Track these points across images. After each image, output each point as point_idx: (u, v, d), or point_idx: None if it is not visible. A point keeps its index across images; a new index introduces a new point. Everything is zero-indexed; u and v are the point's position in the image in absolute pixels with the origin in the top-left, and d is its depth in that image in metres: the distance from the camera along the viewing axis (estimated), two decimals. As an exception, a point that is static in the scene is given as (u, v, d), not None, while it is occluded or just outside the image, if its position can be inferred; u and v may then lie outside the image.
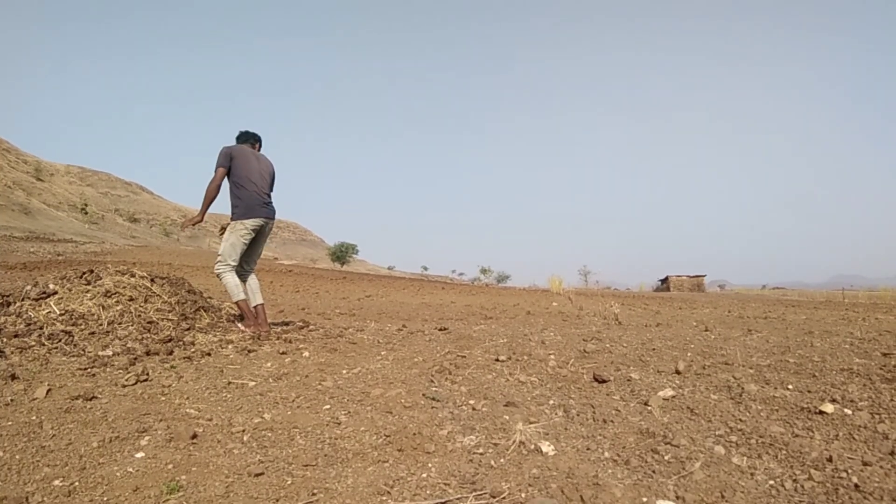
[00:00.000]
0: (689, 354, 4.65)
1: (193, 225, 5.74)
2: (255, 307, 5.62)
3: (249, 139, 5.94)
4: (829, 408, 3.08)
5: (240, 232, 5.50)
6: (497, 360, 4.49)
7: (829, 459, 2.47)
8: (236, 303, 5.56)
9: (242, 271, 5.74)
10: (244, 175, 5.54)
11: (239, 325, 5.57)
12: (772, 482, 2.35)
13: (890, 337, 5.40)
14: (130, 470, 2.33)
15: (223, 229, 5.61)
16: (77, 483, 2.21)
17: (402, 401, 3.41)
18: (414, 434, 2.83)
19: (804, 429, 2.90)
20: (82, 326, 4.54)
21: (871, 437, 2.74)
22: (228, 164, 5.49)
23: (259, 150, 5.98)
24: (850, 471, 2.36)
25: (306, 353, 4.59)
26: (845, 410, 3.07)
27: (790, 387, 3.59)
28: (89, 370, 3.74)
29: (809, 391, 3.47)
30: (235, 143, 5.86)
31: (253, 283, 5.77)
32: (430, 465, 2.50)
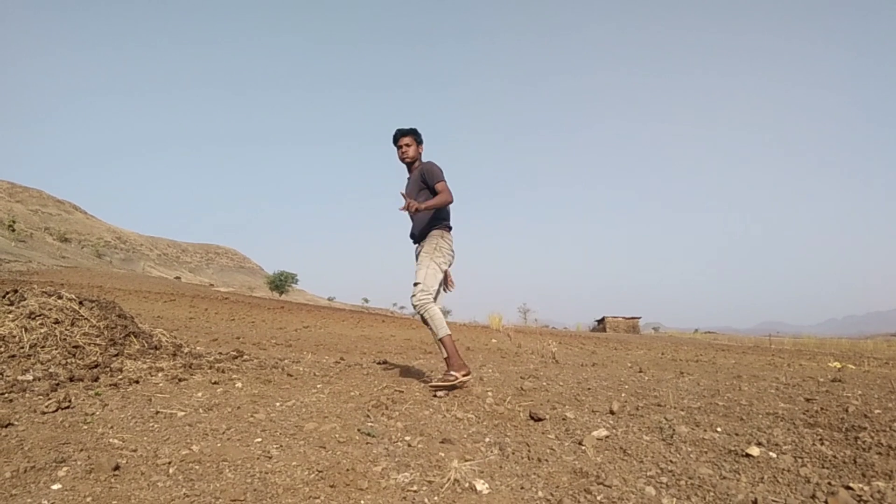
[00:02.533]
0: (623, 395, 4.72)
1: (414, 209, 4.64)
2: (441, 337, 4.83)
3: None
4: (755, 451, 3.17)
5: (441, 259, 4.95)
6: (435, 395, 4.48)
7: (755, 502, 2.53)
8: (440, 339, 4.77)
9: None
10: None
11: (452, 373, 4.66)
12: (699, 524, 2.39)
13: (812, 383, 5.61)
14: (45, 502, 2.21)
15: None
16: (-15, 516, 2.09)
17: (337, 436, 3.35)
18: (347, 470, 2.78)
19: (731, 471, 2.97)
20: (1, 349, 4.32)
21: (794, 481, 2.82)
22: None
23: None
24: (773, 513, 2.42)
25: (239, 384, 4.48)
26: (770, 454, 3.17)
27: (719, 429, 3.68)
28: (6, 395, 3.56)
29: (737, 434, 3.57)
30: (421, 145, 5.19)
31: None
32: (362, 502, 2.46)
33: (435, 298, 4.88)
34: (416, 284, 4.78)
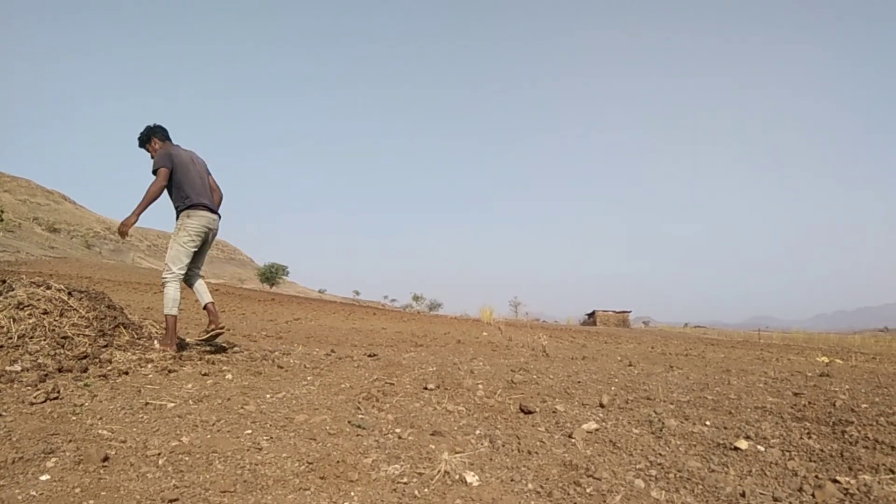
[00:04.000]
0: (613, 388, 4.74)
1: (125, 232, 5.28)
2: (206, 305, 5.61)
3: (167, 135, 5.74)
4: (743, 444, 3.19)
5: (183, 238, 5.39)
6: (425, 388, 4.48)
7: (743, 495, 2.55)
8: (165, 316, 5.32)
9: (191, 273, 5.65)
10: (186, 176, 5.46)
11: (156, 343, 5.29)
12: (688, 516, 2.41)
13: (801, 377, 5.65)
14: (34, 493, 2.20)
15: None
16: (-27, 507, 2.08)
17: (327, 427, 3.35)
18: (337, 462, 2.78)
19: (720, 464, 2.99)
20: (-10, 339, 4.30)
21: (782, 474, 2.85)
22: (171, 165, 5.36)
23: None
24: (761, 506, 2.44)
25: (229, 376, 4.47)
26: (758, 447, 3.19)
27: (707, 423, 3.70)
28: (-6, 386, 3.54)
29: (725, 427, 3.59)
30: (158, 139, 5.65)
31: (200, 285, 5.68)
32: (352, 493, 2.46)
33: (188, 275, 5.61)
34: (165, 264, 5.40)
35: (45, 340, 4.50)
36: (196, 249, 5.51)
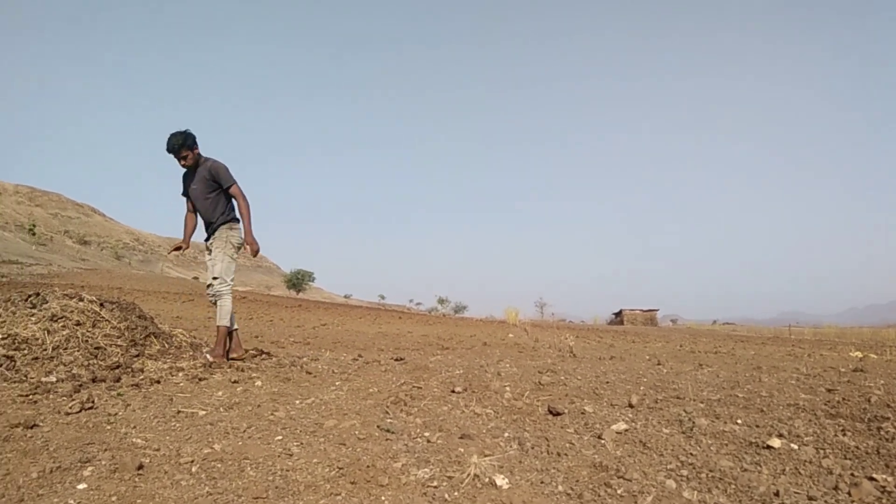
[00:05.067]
0: (641, 388, 4.70)
1: (257, 250, 5.48)
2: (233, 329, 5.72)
3: None
4: (776, 443, 3.15)
5: (231, 252, 5.57)
6: (453, 391, 4.48)
7: (776, 494, 2.52)
8: (220, 327, 5.46)
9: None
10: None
11: (207, 355, 5.37)
12: (721, 516, 2.39)
13: (834, 373, 5.55)
14: (71, 502, 2.25)
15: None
16: (14, 516, 2.12)
17: (356, 432, 3.37)
18: (367, 466, 2.80)
19: (752, 463, 2.95)
20: (25, 351, 4.38)
21: (816, 472, 2.81)
22: None
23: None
24: (795, 505, 2.41)
25: (259, 383, 4.51)
26: (791, 445, 3.14)
27: (739, 421, 3.65)
28: (31, 397, 3.61)
29: (757, 426, 3.54)
30: (197, 149, 5.49)
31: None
32: (383, 498, 2.48)
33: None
34: (215, 278, 5.47)
35: (78, 351, 4.59)
36: None
